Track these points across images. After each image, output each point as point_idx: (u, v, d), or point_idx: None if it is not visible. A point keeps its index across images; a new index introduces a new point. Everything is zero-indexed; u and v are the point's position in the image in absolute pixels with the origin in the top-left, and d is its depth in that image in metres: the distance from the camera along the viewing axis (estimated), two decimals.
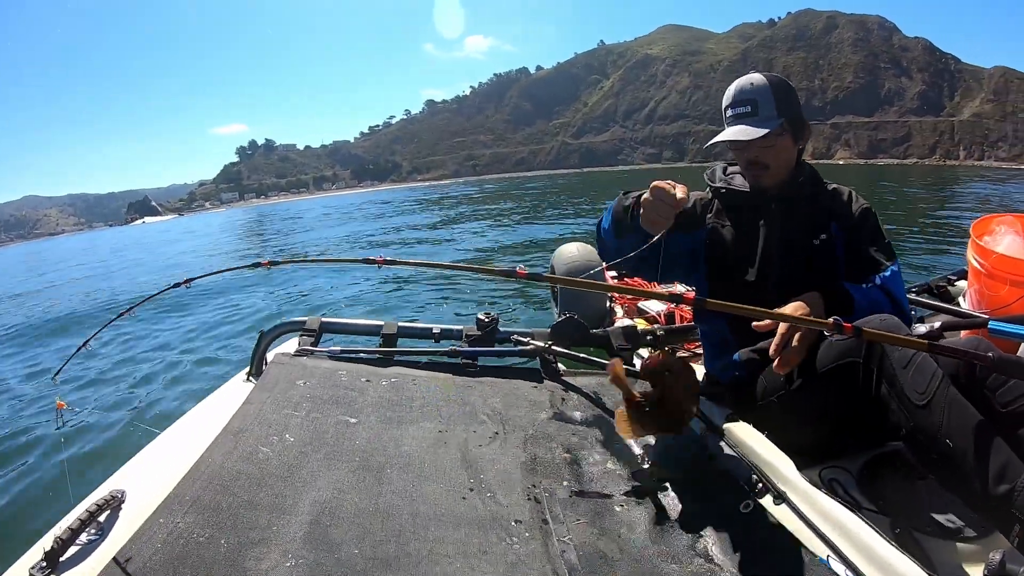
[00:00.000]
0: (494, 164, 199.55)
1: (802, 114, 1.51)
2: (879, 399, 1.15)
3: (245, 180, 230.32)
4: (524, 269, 1.28)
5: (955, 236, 9.46)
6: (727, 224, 1.58)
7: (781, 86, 1.47)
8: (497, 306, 6.07)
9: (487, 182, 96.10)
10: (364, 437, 1.32)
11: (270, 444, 1.25)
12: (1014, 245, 2.13)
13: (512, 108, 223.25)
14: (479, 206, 27.32)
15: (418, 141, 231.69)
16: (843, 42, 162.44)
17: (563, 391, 1.67)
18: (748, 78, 1.49)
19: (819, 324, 1.01)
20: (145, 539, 0.96)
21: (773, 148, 1.46)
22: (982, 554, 1.08)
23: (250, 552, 0.96)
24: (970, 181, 29.16)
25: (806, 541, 1.00)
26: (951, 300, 2.43)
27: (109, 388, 4.67)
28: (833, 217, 1.52)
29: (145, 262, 16.60)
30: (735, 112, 1.47)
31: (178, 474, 1.13)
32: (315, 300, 7.71)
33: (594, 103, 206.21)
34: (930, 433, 1.06)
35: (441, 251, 12.35)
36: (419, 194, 56.46)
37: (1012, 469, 0.99)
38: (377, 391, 1.53)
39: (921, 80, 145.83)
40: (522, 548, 1.04)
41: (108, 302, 9.68)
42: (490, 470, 1.26)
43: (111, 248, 30.73)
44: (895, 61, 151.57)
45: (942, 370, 1.12)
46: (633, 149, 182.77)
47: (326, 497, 1.11)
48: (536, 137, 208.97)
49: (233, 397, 1.58)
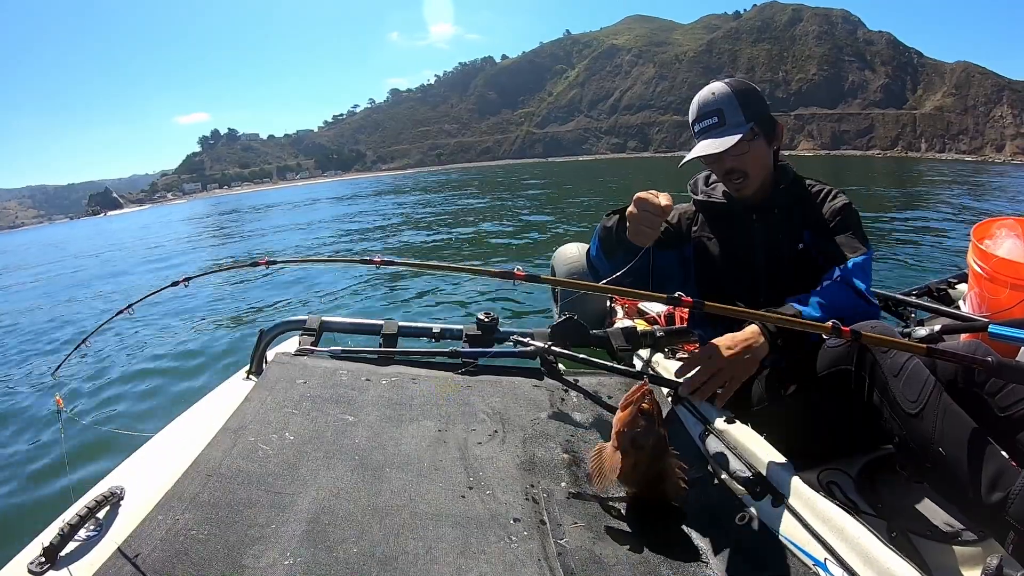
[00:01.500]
0: (459, 153, 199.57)
1: (771, 114, 1.49)
2: (872, 406, 1.15)
3: (208, 170, 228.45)
4: (522, 270, 1.29)
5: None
6: (712, 237, 1.58)
7: (744, 90, 1.44)
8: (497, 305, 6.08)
9: (455, 171, 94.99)
10: (364, 436, 1.32)
11: (270, 442, 1.25)
12: (1015, 249, 2.13)
13: (477, 97, 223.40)
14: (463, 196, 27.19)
15: (382, 130, 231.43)
16: (808, 35, 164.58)
17: (563, 391, 1.67)
18: (709, 89, 1.45)
19: (817, 328, 1.02)
20: (144, 536, 0.96)
21: (748, 154, 1.44)
22: (979, 558, 1.08)
23: (249, 550, 0.96)
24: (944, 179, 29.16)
25: (803, 544, 1.00)
26: (951, 303, 2.43)
27: (108, 386, 4.68)
28: (806, 225, 1.50)
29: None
30: (702, 126, 1.44)
31: (177, 471, 1.14)
32: (311, 297, 7.72)
33: (559, 93, 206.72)
34: (923, 442, 1.06)
35: (439, 248, 12.40)
36: (386, 185, 55.50)
37: (1006, 477, 0.98)
38: (377, 390, 1.53)
39: (884, 73, 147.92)
40: (520, 548, 1.04)
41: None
42: (489, 469, 1.26)
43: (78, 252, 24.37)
44: (859, 54, 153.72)
45: (934, 377, 1.11)
46: (598, 139, 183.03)
47: (325, 495, 1.11)
48: (501, 126, 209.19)
49: (233, 395, 1.58)
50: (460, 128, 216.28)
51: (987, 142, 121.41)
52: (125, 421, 3.83)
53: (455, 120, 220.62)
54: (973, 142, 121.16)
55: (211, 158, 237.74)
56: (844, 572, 0.91)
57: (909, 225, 11.47)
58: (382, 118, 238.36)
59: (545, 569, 1.00)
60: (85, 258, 20.18)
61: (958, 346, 1.18)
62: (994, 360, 1.00)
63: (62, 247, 30.47)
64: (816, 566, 0.96)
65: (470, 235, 13.40)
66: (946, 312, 2.04)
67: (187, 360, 5.26)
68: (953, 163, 61.70)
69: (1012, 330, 1.04)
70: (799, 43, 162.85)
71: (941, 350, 1.04)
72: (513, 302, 6.00)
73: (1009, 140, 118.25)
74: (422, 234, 14.33)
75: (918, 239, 9.72)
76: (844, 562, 0.91)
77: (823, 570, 0.95)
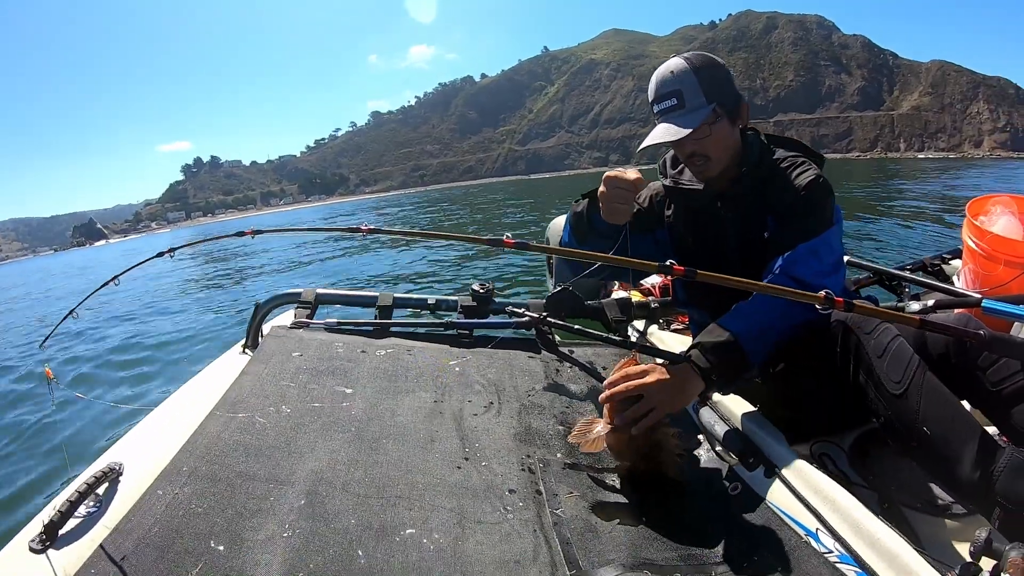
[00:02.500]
0: (441, 173, 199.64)
1: (735, 91, 1.37)
2: (858, 386, 1.15)
3: (192, 198, 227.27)
4: (511, 238, 1.27)
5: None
6: (683, 224, 1.53)
7: (705, 67, 1.32)
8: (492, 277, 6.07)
9: (439, 191, 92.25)
10: (360, 408, 1.33)
11: (267, 415, 1.25)
12: (1009, 225, 2.13)
13: (458, 117, 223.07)
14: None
15: (364, 153, 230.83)
16: (783, 42, 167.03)
17: (558, 362, 1.68)
18: (667, 66, 1.34)
19: (810, 298, 1.01)
20: (144, 511, 0.97)
21: (710, 137, 1.32)
22: (969, 531, 1.11)
23: (247, 522, 0.97)
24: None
25: (795, 514, 1.02)
26: (946, 279, 2.44)
27: (103, 363, 4.66)
28: (770, 209, 1.38)
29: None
30: (660, 107, 1.33)
31: (175, 446, 1.14)
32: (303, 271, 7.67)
33: (539, 109, 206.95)
34: (907, 421, 1.06)
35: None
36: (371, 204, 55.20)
37: (990, 454, 1.00)
38: (373, 362, 1.54)
39: (861, 76, 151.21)
40: (515, 518, 1.06)
41: None
42: (485, 440, 1.27)
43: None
44: (835, 59, 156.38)
45: (919, 356, 1.11)
46: (580, 154, 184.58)
47: (322, 467, 1.12)
48: (483, 145, 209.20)
49: (229, 369, 1.58)
50: (442, 148, 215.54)
51: (965, 138, 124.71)
52: (122, 397, 3.83)
53: (437, 140, 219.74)
54: (951, 139, 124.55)
55: (194, 186, 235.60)
56: (835, 542, 0.92)
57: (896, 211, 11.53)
58: (364, 141, 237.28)
59: (541, 539, 1.01)
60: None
61: (950, 319, 1.17)
62: (986, 333, 1.01)
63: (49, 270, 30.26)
64: (808, 536, 0.98)
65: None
66: (940, 287, 2.04)
67: (180, 333, 5.26)
68: (935, 160, 61.82)
69: (1005, 305, 1.04)
70: (775, 50, 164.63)
71: (933, 322, 1.03)
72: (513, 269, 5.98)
73: (987, 135, 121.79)
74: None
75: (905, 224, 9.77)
76: (836, 532, 0.93)
77: (815, 540, 0.96)
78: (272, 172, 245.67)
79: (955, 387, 1.11)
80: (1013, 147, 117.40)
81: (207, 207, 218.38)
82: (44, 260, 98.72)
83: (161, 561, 0.88)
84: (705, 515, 1.13)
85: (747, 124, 1.43)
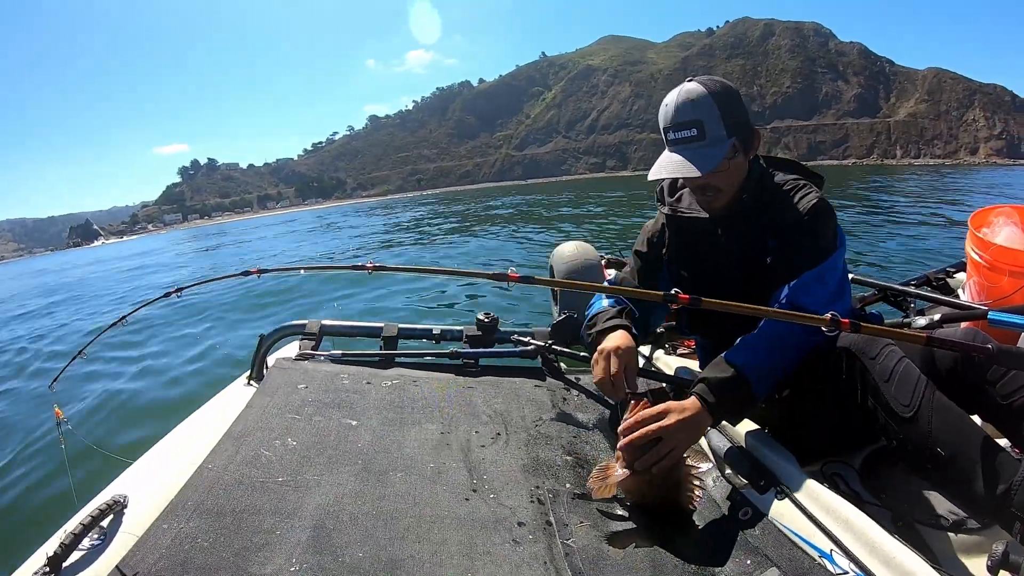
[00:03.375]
0: (439, 178, 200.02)
1: (749, 120, 1.32)
2: (866, 410, 1.13)
3: (188, 200, 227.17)
4: (516, 272, 1.28)
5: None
6: (682, 254, 1.50)
7: (724, 95, 1.26)
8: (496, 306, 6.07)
9: (441, 196, 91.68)
10: (366, 440, 1.32)
11: (272, 448, 1.25)
12: (1013, 236, 2.13)
13: (455, 122, 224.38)
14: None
15: (362, 157, 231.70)
16: (780, 48, 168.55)
17: (565, 390, 1.67)
18: (686, 92, 1.26)
19: (816, 320, 1.01)
20: (149, 545, 0.96)
21: (726, 172, 1.29)
22: (985, 546, 1.08)
23: (254, 557, 0.96)
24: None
25: (809, 536, 1.00)
26: (950, 292, 2.43)
27: (109, 396, 4.66)
28: (773, 232, 1.35)
29: None
30: (678, 136, 1.26)
31: (180, 479, 1.13)
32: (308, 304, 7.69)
33: (537, 115, 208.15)
34: (920, 443, 1.05)
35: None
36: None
37: (1006, 469, 0.98)
38: (379, 393, 1.53)
39: (857, 83, 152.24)
40: (526, 550, 1.04)
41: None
42: (493, 471, 1.26)
43: None
44: (831, 66, 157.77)
45: (926, 377, 1.10)
46: (576, 159, 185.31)
47: (329, 501, 1.11)
48: (480, 150, 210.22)
49: (234, 401, 1.58)
50: (439, 153, 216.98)
51: (961, 145, 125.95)
52: (127, 430, 3.83)
53: (434, 145, 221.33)
54: (947, 146, 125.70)
55: (191, 188, 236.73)
56: (850, 563, 0.91)
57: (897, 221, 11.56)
58: (361, 145, 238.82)
59: (551, 570, 0.99)
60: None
61: (957, 334, 1.16)
62: (994, 347, 1.00)
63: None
64: (822, 558, 0.96)
65: None
66: (945, 301, 2.04)
67: (186, 367, 5.25)
68: (933, 166, 62.39)
69: (1012, 316, 1.03)
70: (772, 57, 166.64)
71: (941, 339, 1.03)
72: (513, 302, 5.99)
73: (983, 142, 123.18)
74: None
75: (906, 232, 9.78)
76: (850, 553, 0.91)
77: (829, 562, 0.95)
78: (269, 175, 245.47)
79: (966, 402, 1.09)
80: (1009, 154, 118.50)
81: (204, 209, 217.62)
82: (40, 260, 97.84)
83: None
84: (717, 541, 1.11)
85: (756, 152, 1.38)
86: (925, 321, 1.62)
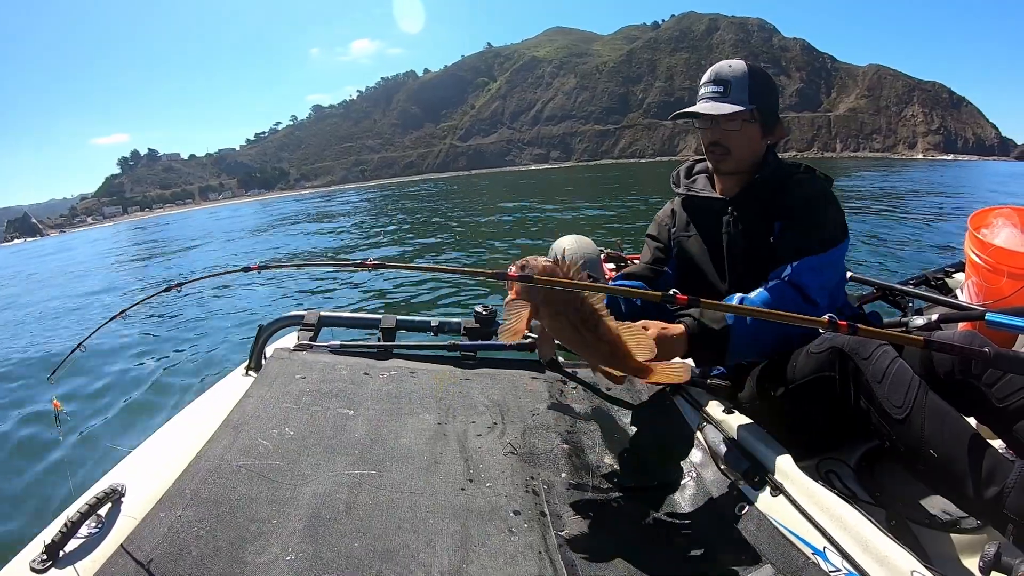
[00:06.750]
0: (383, 168, 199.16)
1: (777, 110, 1.48)
2: (860, 410, 1.14)
3: (128, 192, 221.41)
4: (516, 270, 1.28)
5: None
6: (692, 234, 1.57)
7: (759, 75, 1.44)
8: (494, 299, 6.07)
9: (384, 187, 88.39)
10: (364, 430, 1.33)
11: (270, 438, 1.25)
12: (1012, 238, 2.13)
13: (400, 112, 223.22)
14: None
15: (305, 147, 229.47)
16: (725, 43, 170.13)
17: (562, 382, 1.67)
18: (728, 62, 1.46)
19: (814, 323, 1.01)
20: (146, 533, 0.97)
21: (737, 133, 1.42)
22: (978, 546, 1.09)
23: (250, 545, 0.96)
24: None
25: (803, 533, 1.01)
26: (949, 292, 2.43)
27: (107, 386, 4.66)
28: (778, 215, 1.42)
29: None
30: (707, 91, 1.44)
31: (178, 468, 1.14)
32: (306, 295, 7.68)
33: (481, 105, 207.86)
34: (913, 445, 1.05)
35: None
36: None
37: (999, 471, 0.98)
38: (376, 384, 1.54)
39: (799, 78, 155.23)
40: (520, 540, 1.05)
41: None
42: (489, 462, 1.27)
43: None
44: (775, 60, 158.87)
45: (919, 378, 1.10)
46: (521, 150, 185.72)
47: (326, 490, 1.11)
48: (424, 140, 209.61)
49: (232, 391, 1.58)
50: (383, 143, 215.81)
51: (900, 140, 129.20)
52: (126, 419, 3.83)
53: (378, 135, 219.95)
54: (887, 140, 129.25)
55: (131, 180, 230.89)
56: (843, 560, 0.91)
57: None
58: (305, 135, 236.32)
59: (545, 561, 1.00)
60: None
61: (955, 336, 1.16)
62: (991, 351, 1.00)
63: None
64: (815, 555, 0.97)
65: None
66: (944, 301, 2.04)
67: (184, 359, 5.26)
68: (874, 160, 62.79)
69: (1009, 318, 1.03)
70: (716, 51, 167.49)
71: (939, 342, 1.03)
72: None
73: (921, 137, 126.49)
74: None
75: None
76: (843, 550, 0.92)
77: (822, 559, 0.95)
78: (211, 166, 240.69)
79: (962, 403, 1.10)
80: (946, 149, 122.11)
81: (144, 201, 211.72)
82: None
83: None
84: (711, 534, 1.12)
85: (777, 144, 1.51)
86: (923, 321, 1.62)
